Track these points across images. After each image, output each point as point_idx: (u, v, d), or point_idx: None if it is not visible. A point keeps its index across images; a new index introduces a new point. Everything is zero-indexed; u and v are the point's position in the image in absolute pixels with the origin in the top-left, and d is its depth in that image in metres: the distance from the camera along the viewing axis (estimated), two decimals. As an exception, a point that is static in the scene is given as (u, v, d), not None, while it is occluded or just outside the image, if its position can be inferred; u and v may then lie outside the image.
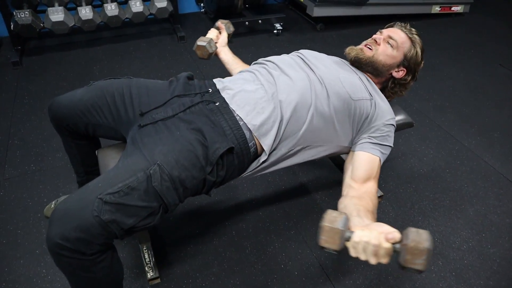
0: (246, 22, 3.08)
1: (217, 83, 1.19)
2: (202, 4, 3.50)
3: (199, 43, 1.40)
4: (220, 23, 1.52)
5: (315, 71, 1.18)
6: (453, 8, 3.60)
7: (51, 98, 1.19)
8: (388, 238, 0.75)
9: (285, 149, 1.12)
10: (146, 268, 1.32)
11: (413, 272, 0.73)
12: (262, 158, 1.09)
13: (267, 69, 1.20)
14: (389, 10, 3.30)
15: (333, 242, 0.77)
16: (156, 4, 2.82)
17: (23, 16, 2.45)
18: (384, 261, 0.76)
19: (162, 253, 1.43)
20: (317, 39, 3.17)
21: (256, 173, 1.14)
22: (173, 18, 3.05)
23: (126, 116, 1.11)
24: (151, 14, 2.88)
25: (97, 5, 2.75)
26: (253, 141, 1.08)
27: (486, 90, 2.59)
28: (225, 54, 1.47)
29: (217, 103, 1.10)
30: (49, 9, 2.53)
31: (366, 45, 1.28)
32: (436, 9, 3.53)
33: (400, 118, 1.49)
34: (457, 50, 3.11)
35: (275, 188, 1.74)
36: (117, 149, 1.24)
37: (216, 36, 1.50)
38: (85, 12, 2.61)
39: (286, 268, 1.40)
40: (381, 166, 1.13)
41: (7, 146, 1.89)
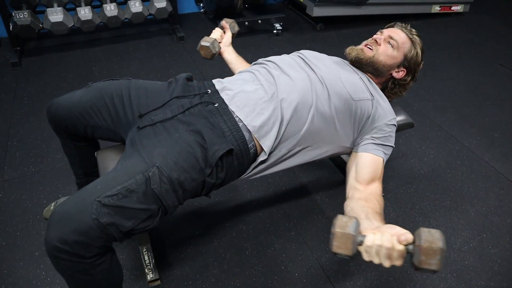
0: (246, 22, 3.08)
1: (216, 83, 1.19)
2: (201, 4, 3.49)
3: (202, 43, 1.39)
4: (224, 23, 1.51)
5: (316, 71, 1.17)
6: (453, 8, 3.59)
7: (51, 99, 1.19)
8: (401, 240, 0.74)
9: (285, 150, 1.11)
10: (146, 270, 1.31)
11: (428, 272, 0.72)
12: (262, 159, 1.09)
13: (267, 69, 1.19)
14: (389, 10, 3.29)
15: (346, 248, 0.75)
16: (155, 4, 2.81)
17: (22, 16, 2.44)
18: (398, 263, 0.75)
19: (162, 255, 1.42)
20: (317, 39, 3.17)
21: (256, 175, 1.14)
22: (172, 18, 3.04)
23: (125, 118, 1.11)
24: (150, 15, 2.87)
25: (96, 6, 2.75)
26: (253, 143, 1.07)
27: (486, 89, 2.58)
28: (228, 54, 1.47)
29: (216, 104, 1.09)
30: (48, 9, 2.53)
31: (367, 45, 1.27)
32: (436, 8, 3.53)
33: (400, 118, 1.48)
34: (457, 49, 3.11)
35: (275, 189, 1.74)
36: (116, 151, 1.24)
37: (220, 35, 1.49)
38: (84, 12, 2.60)
39: (287, 270, 1.40)
40: (382, 167, 1.12)
41: (6, 148, 1.88)
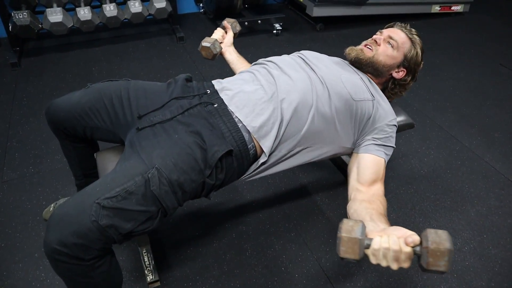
0: (246, 22, 3.07)
1: (215, 84, 1.18)
2: (201, 4, 3.49)
3: (203, 44, 1.39)
4: (226, 23, 1.50)
5: (316, 71, 1.17)
6: (453, 8, 3.59)
7: (50, 100, 1.18)
8: (408, 242, 0.73)
9: (285, 150, 1.11)
10: (146, 271, 1.31)
11: (436, 273, 0.72)
12: (262, 159, 1.08)
13: (267, 69, 1.19)
14: (389, 10, 3.29)
15: (353, 252, 0.75)
16: (155, 4, 2.81)
17: (22, 17, 2.44)
18: (406, 265, 0.75)
19: (161, 256, 1.42)
20: (317, 39, 3.16)
21: (256, 175, 1.13)
22: (172, 18, 3.04)
23: (124, 119, 1.10)
24: (150, 15, 2.87)
25: (96, 6, 2.74)
26: (253, 143, 1.07)
27: (486, 89, 2.58)
28: (230, 54, 1.46)
29: (216, 105, 1.09)
30: (47, 10, 2.53)
31: (366, 45, 1.27)
32: (436, 8, 3.52)
33: (400, 119, 1.48)
34: (457, 49, 3.10)
35: (275, 190, 1.73)
36: (116, 152, 1.23)
37: (222, 36, 1.48)
38: (84, 13, 2.60)
39: (287, 271, 1.40)
40: (383, 167, 1.12)
41: (5, 148, 1.88)
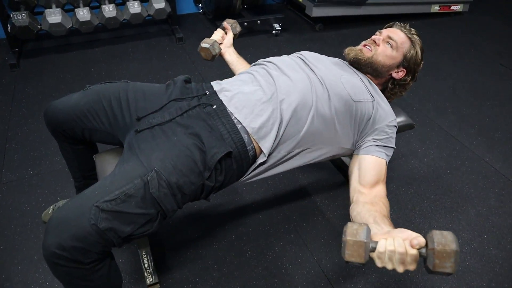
0: (245, 23, 3.07)
1: (214, 85, 1.18)
2: (200, 5, 3.48)
3: (203, 45, 1.38)
4: (226, 24, 1.49)
5: (316, 72, 1.16)
6: (452, 7, 3.59)
7: (49, 101, 1.18)
8: (413, 244, 0.73)
9: (284, 152, 1.10)
10: (145, 274, 1.30)
11: (442, 275, 0.71)
12: (261, 160, 1.08)
13: (267, 70, 1.18)
14: (388, 10, 3.28)
15: (359, 256, 0.74)
16: (154, 5, 2.80)
17: (20, 18, 2.43)
18: (412, 268, 0.74)
19: (161, 258, 1.42)
20: (316, 39, 3.16)
21: (255, 177, 1.13)
22: (171, 19, 3.03)
23: (122, 121, 1.10)
24: (149, 15, 2.86)
25: (95, 7, 2.74)
26: (252, 145, 1.06)
27: (486, 89, 2.58)
28: (229, 55, 1.46)
29: (214, 106, 1.08)
30: (46, 10, 2.52)
31: (365, 46, 1.26)
32: (436, 8, 3.52)
33: (400, 119, 1.47)
34: (457, 49, 3.10)
35: (274, 191, 1.73)
36: (115, 154, 1.23)
37: (222, 36, 1.47)
38: (83, 13, 2.59)
39: (287, 272, 1.39)
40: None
41: (4, 150, 1.87)
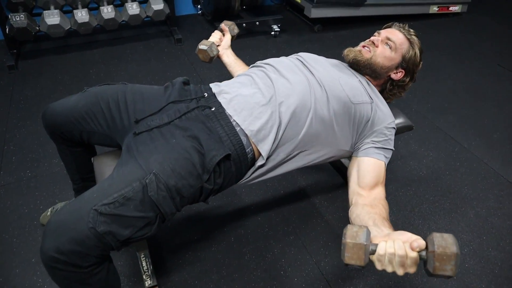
0: (244, 24, 3.07)
1: (213, 87, 1.17)
2: (199, 6, 3.48)
3: (200, 46, 1.38)
4: (223, 25, 1.50)
5: (315, 74, 1.16)
6: (451, 8, 3.59)
7: (48, 103, 1.18)
8: (414, 247, 0.72)
9: (283, 154, 1.10)
10: (144, 276, 1.30)
11: (442, 278, 0.70)
12: (260, 162, 1.08)
13: (265, 72, 1.18)
14: (387, 11, 3.29)
15: (358, 258, 0.73)
16: (152, 6, 2.80)
17: (19, 19, 2.43)
18: (412, 270, 0.74)
19: (160, 261, 1.41)
20: (315, 40, 3.16)
21: (254, 180, 1.12)
22: (170, 20, 3.03)
23: (121, 123, 1.09)
24: (147, 17, 2.86)
25: (93, 8, 2.73)
26: (251, 147, 1.06)
27: (485, 90, 2.58)
28: (227, 57, 1.45)
29: (213, 108, 1.08)
30: (44, 12, 2.51)
31: (364, 47, 1.26)
32: (434, 9, 3.52)
33: (399, 121, 1.47)
34: (455, 50, 3.10)
35: (273, 193, 1.73)
36: (113, 156, 1.22)
37: (219, 38, 1.47)
38: (81, 15, 2.59)
39: (286, 275, 1.39)
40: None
41: (2, 152, 1.87)
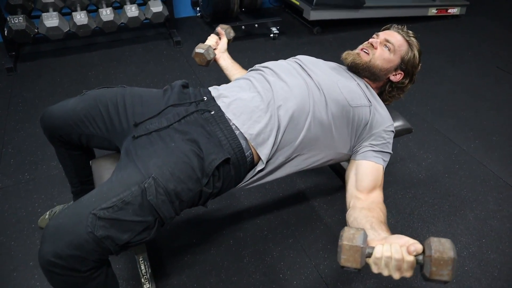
0: (243, 26, 3.07)
1: (212, 90, 1.17)
2: (198, 8, 3.48)
3: (197, 50, 1.38)
4: (219, 29, 1.50)
5: (313, 77, 1.16)
6: (449, 11, 3.60)
7: (46, 105, 1.17)
8: (410, 251, 0.72)
9: (282, 158, 1.10)
10: (143, 280, 1.29)
11: (439, 283, 0.70)
12: (259, 167, 1.07)
13: (264, 76, 1.18)
14: (386, 13, 3.29)
15: (354, 261, 0.73)
16: (151, 8, 2.80)
17: (17, 21, 2.42)
18: (408, 275, 0.73)
19: (158, 264, 1.41)
20: (314, 42, 3.16)
21: (253, 183, 1.12)
22: (169, 22, 3.03)
23: (120, 127, 1.09)
24: (146, 19, 2.86)
25: (92, 10, 2.74)
26: (250, 151, 1.06)
27: (484, 92, 2.58)
28: (224, 60, 1.45)
29: (212, 112, 1.08)
30: (43, 14, 2.51)
31: (363, 49, 1.26)
32: (433, 11, 3.53)
33: (398, 124, 1.47)
34: (454, 52, 3.11)
35: (272, 196, 1.72)
36: (112, 159, 1.22)
37: (216, 42, 1.47)
38: (80, 17, 2.59)
39: (285, 278, 1.38)
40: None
41: (0, 155, 1.86)
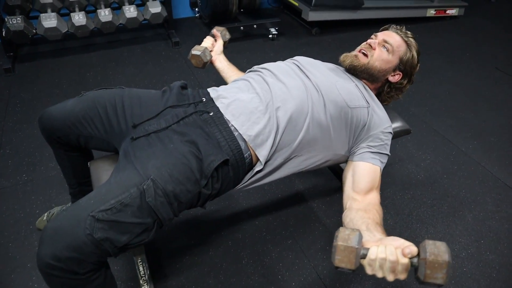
0: (241, 27, 3.07)
1: (211, 92, 1.17)
2: (196, 9, 3.48)
3: (193, 52, 1.38)
4: (215, 31, 1.50)
5: (311, 78, 1.16)
6: (448, 12, 3.61)
7: (44, 106, 1.17)
8: (405, 253, 0.72)
9: (280, 159, 1.10)
10: (141, 281, 1.29)
11: (433, 286, 0.70)
12: (257, 168, 1.07)
13: (262, 77, 1.18)
14: (384, 14, 3.30)
15: (349, 261, 0.73)
16: (150, 9, 2.80)
17: (15, 22, 2.42)
18: (402, 277, 0.73)
19: (157, 266, 1.40)
20: (313, 43, 3.16)
21: (252, 185, 1.12)
22: (167, 23, 3.03)
23: (118, 128, 1.09)
24: (145, 20, 2.85)
25: (91, 11, 2.73)
26: (249, 152, 1.06)
27: (482, 93, 2.59)
28: (220, 62, 1.45)
29: (211, 113, 1.08)
30: (41, 15, 2.50)
31: (361, 51, 1.26)
32: (431, 12, 3.54)
33: (397, 125, 1.47)
34: (452, 53, 3.11)
35: (271, 197, 1.72)
36: (110, 161, 1.22)
37: (212, 44, 1.48)
38: (78, 18, 2.58)
39: (284, 279, 1.38)
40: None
41: (-2, 156, 1.86)
